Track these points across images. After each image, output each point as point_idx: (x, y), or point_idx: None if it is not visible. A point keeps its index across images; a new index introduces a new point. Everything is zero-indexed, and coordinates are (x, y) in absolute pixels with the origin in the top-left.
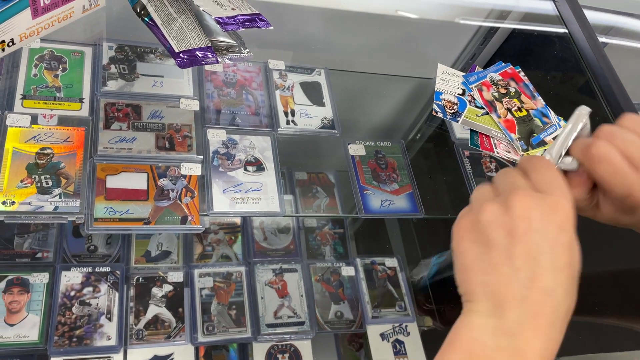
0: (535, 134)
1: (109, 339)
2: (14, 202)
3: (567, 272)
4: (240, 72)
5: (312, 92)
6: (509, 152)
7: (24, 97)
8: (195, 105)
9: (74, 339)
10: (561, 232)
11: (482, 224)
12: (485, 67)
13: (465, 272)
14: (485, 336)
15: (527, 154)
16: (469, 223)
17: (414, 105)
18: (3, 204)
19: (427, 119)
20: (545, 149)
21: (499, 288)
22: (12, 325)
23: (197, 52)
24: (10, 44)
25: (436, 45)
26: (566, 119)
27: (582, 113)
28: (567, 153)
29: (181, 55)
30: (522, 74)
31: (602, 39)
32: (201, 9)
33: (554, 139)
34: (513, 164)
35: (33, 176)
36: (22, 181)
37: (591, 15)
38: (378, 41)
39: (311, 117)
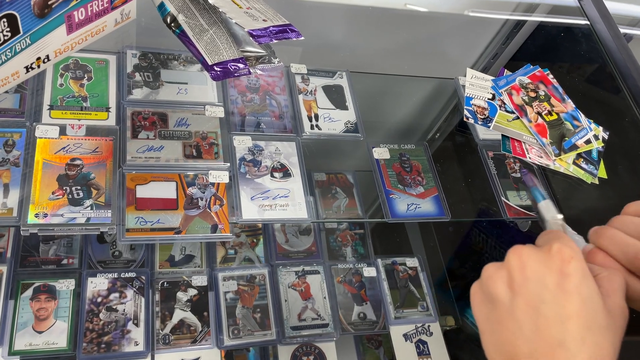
0: (566, 138)
1: (137, 345)
2: (46, 214)
3: (577, 321)
4: (263, 77)
5: (335, 96)
6: (541, 157)
7: (51, 107)
8: (220, 112)
9: (103, 345)
10: (564, 279)
11: (483, 282)
12: (508, 66)
13: (482, 335)
14: None
15: (560, 159)
16: (477, 286)
17: (436, 106)
18: (36, 217)
19: (448, 119)
20: None
21: (507, 346)
22: (40, 332)
23: (230, 64)
24: (46, 60)
25: (457, 44)
26: (596, 121)
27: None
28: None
29: (215, 68)
30: (550, 76)
31: (629, 31)
32: (234, 21)
33: (586, 142)
34: (540, 169)
35: (64, 188)
36: (53, 193)
37: (618, 7)
38: (398, 40)
39: (335, 121)
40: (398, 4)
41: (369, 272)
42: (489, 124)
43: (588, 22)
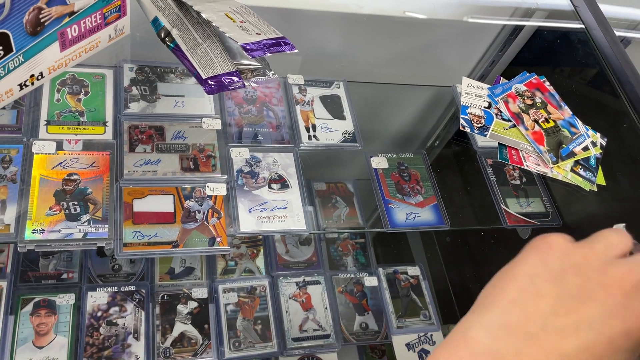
0: (564, 145)
1: (138, 359)
2: (43, 230)
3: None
4: (260, 89)
5: (332, 106)
6: (539, 165)
7: (48, 122)
8: (217, 124)
9: None
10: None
11: (563, 258)
12: (505, 72)
13: (503, 279)
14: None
15: (558, 166)
16: (551, 244)
17: (434, 114)
18: (33, 233)
19: (446, 127)
20: None
21: (516, 312)
22: (40, 347)
23: (224, 78)
24: (40, 77)
25: (454, 52)
26: (593, 127)
27: None
28: None
29: (209, 81)
30: (547, 83)
31: (628, 34)
32: (227, 35)
33: (584, 149)
34: (540, 177)
35: (61, 203)
36: (50, 208)
37: (616, 10)
38: (395, 48)
39: (332, 131)
40: (396, 11)
41: (370, 281)
42: (486, 133)
43: (585, 29)
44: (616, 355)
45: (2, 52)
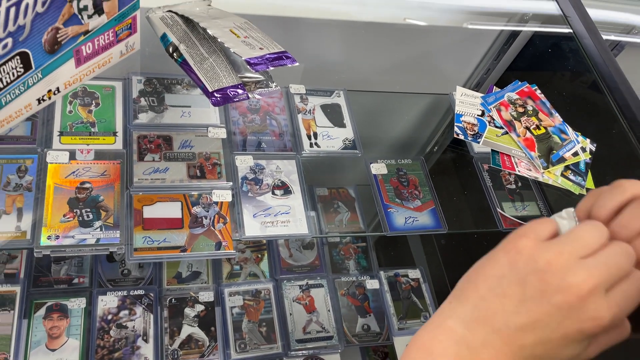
0: (554, 151)
1: None
2: (58, 236)
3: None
4: (263, 98)
5: (333, 114)
6: (530, 170)
7: (61, 133)
8: (222, 133)
9: None
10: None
11: (529, 263)
12: (499, 80)
13: (477, 274)
14: (450, 340)
15: (549, 171)
16: (519, 249)
17: (432, 121)
18: (48, 239)
19: (443, 134)
20: None
21: (484, 308)
22: (53, 350)
23: (229, 90)
24: (56, 92)
25: (451, 60)
26: (583, 133)
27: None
28: None
29: (215, 94)
30: (538, 91)
31: (622, 39)
32: (232, 50)
33: (574, 154)
34: (535, 181)
35: (74, 210)
36: (64, 215)
37: (609, 15)
38: (394, 57)
39: (333, 139)
40: (396, 18)
41: (371, 284)
42: (479, 140)
43: (575, 37)
44: (569, 347)
45: (22, 70)
